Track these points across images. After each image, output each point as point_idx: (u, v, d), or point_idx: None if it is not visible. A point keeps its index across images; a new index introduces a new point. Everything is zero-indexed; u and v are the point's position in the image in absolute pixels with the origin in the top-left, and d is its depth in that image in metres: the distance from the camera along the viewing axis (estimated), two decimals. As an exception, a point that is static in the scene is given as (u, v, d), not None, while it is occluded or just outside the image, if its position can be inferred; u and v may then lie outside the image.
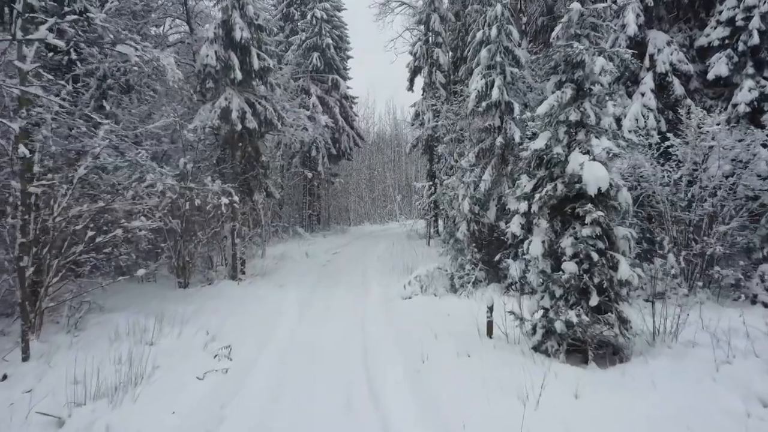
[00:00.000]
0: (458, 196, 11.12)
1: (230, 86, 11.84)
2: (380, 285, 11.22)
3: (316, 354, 6.67)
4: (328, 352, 6.69)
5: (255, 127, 11.70)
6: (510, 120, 11.41)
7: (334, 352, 6.75)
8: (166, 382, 5.52)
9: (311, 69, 23.84)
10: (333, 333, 7.65)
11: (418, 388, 5.27)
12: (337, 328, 7.88)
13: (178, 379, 5.65)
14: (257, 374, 5.94)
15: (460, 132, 13.14)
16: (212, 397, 5.28)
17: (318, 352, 6.77)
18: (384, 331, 7.54)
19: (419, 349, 6.39)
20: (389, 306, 9.27)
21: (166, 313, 8.70)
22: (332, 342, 7.17)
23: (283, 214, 23.91)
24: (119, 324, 7.81)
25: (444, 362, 5.98)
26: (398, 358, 6.23)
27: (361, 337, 7.39)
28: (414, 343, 6.70)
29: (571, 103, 6.34)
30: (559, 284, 6.13)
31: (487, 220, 11.20)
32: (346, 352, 6.72)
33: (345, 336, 7.48)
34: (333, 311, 9.13)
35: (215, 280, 11.93)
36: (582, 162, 5.99)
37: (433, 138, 18.26)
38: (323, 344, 7.07)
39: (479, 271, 10.51)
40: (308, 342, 7.22)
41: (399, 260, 15.11)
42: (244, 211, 12.76)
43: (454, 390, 5.14)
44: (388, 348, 6.68)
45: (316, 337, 7.41)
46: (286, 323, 8.25)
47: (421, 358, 6.13)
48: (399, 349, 6.63)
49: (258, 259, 15.71)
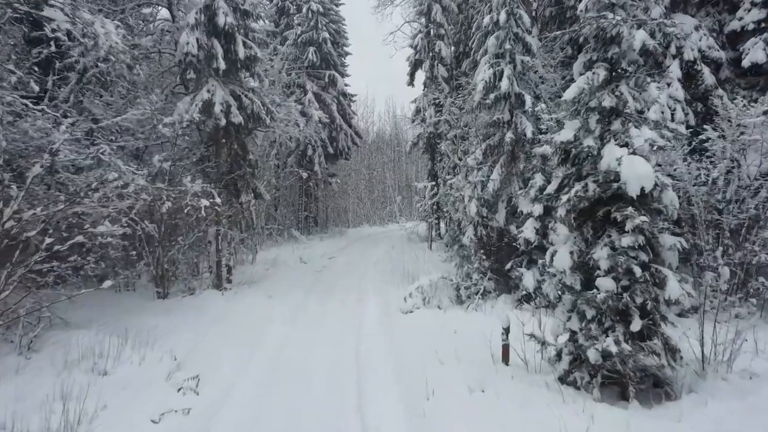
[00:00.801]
0: (464, 197, 10.08)
1: (214, 77, 10.79)
2: (378, 295, 10.17)
3: (301, 388, 5.61)
4: (316, 386, 5.62)
5: (241, 122, 10.65)
6: (521, 113, 10.37)
7: (323, 385, 5.68)
8: (111, 429, 4.47)
9: (307, 64, 22.80)
10: (323, 358, 6.60)
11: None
12: (328, 352, 6.82)
13: (127, 422, 4.60)
14: (227, 415, 4.89)
15: (465, 128, 12.09)
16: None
17: (303, 384, 5.70)
18: (382, 355, 6.49)
19: (423, 381, 5.33)
20: (388, 322, 8.21)
21: (136, 329, 7.67)
22: (321, 371, 6.11)
23: (279, 215, 22.88)
24: (78, 344, 6.76)
25: (453, 400, 4.92)
26: (398, 392, 5.18)
27: (356, 363, 6.33)
28: (417, 372, 5.64)
29: (605, 86, 5.29)
30: (592, 304, 5.07)
31: (496, 223, 10.15)
32: (337, 386, 5.66)
33: (336, 362, 6.42)
34: (324, 329, 8.07)
35: (197, 290, 10.88)
36: (620, 156, 4.94)
37: (435, 135, 17.21)
38: (310, 374, 6.01)
39: (488, 280, 9.46)
40: (292, 371, 6.15)
41: (399, 266, 14.06)
42: (230, 214, 11.71)
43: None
44: (386, 379, 5.63)
45: (302, 365, 6.34)
46: (269, 344, 7.20)
47: (426, 394, 5.08)
48: (399, 379, 5.58)
49: (248, 265, 14.67)
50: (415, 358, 6.25)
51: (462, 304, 9.33)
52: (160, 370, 5.93)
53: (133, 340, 6.96)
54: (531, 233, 8.70)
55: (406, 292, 9.46)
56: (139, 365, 6.08)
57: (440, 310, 8.97)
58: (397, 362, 6.14)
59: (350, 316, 8.78)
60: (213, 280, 11.24)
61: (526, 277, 8.71)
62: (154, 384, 5.54)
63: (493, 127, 10.55)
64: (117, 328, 7.98)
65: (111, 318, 8.83)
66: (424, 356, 6.27)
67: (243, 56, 10.66)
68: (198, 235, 11.19)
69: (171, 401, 5.12)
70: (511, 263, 9.24)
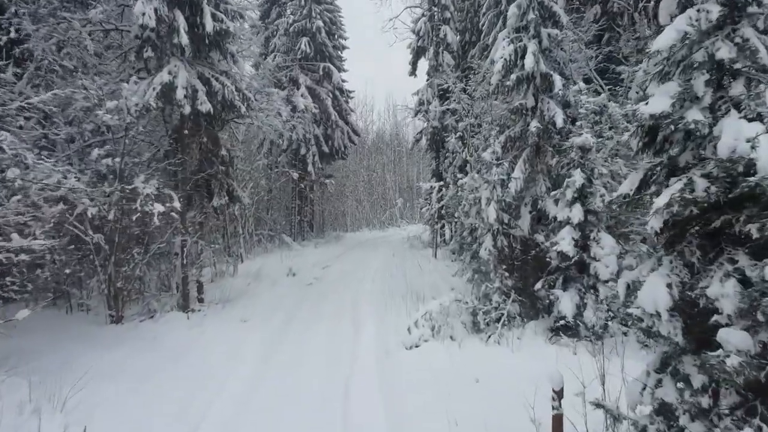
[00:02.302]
0: (480, 199, 8.24)
1: (178, 57, 8.97)
2: (376, 320, 8.31)
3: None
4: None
5: (210, 110, 8.83)
6: (548, 98, 8.53)
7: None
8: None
9: (300, 56, 20.98)
10: (296, 428, 4.74)
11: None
12: (305, 417, 4.95)
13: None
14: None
15: (477, 118, 10.26)
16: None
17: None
18: (379, 423, 4.61)
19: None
20: (387, 363, 6.35)
21: (60, 372, 5.89)
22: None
23: (270, 220, 21.04)
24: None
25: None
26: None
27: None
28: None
29: (718, 30, 3.45)
30: (712, 371, 3.21)
31: (520, 232, 8.30)
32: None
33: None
34: (304, 374, 6.19)
35: (159, 312, 9.04)
36: (753, 136, 3.09)
37: (440, 130, 15.36)
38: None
39: (511, 302, 7.60)
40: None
41: (400, 279, 12.22)
42: (200, 221, 9.87)
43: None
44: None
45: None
46: (225, 402, 5.33)
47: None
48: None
49: (228, 277, 12.82)
50: (423, 427, 4.38)
51: (480, 332, 7.47)
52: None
53: (41, 397, 5.12)
54: (569, 245, 6.85)
55: (410, 320, 7.60)
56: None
57: (453, 342, 7.11)
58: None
59: (339, 352, 6.92)
60: (179, 300, 9.39)
61: (563, 302, 6.86)
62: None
63: (516, 115, 8.71)
64: (37, 369, 6.20)
65: (42, 351, 7.08)
66: (436, 425, 4.41)
67: (211, 30, 8.83)
68: (161, 246, 9.35)
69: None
70: (541, 282, 7.38)
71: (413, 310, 8.28)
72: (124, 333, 8.26)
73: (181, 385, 5.78)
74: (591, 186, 7.06)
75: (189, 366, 6.51)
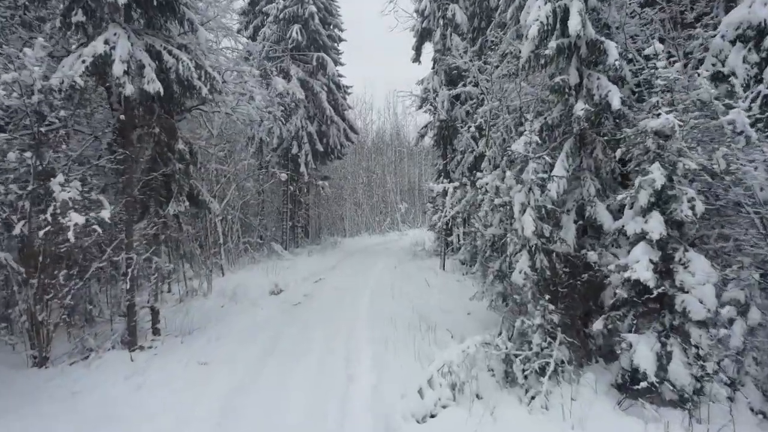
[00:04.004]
0: (511, 205, 6.22)
1: (119, 24, 6.98)
2: (375, 367, 6.28)
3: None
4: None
5: (159, 90, 6.83)
6: (598, 73, 6.55)
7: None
8: None
9: (291, 45, 19.01)
10: None
11: None
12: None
13: None
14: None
15: (502, 101, 8.22)
16: None
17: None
18: None
19: None
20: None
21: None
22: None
23: (261, 226, 19.03)
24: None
25: None
26: None
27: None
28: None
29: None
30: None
31: (564, 247, 6.30)
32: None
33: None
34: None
35: (95, 352, 7.03)
36: None
37: (449, 123, 13.35)
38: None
39: (559, 345, 5.58)
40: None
41: (405, 299, 10.23)
42: (153, 233, 7.87)
43: None
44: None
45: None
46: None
47: None
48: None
49: (199, 298, 10.81)
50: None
51: (515, 385, 5.47)
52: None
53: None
54: (647, 271, 4.84)
55: (421, 367, 5.59)
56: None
57: (480, 403, 5.10)
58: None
59: (325, 426, 4.89)
60: (123, 335, 7.37)
61: (640, 351, 4.84)
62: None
63: (556, 95, 6.72)
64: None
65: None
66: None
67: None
68: (100, 266, 7.35)
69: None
70: (602, 321, 5.35)
71: (424, 345, 6.29)
72: (43, 382, 6.27)
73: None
74: (673, 187, 5.06)
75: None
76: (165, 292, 11.59)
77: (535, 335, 5.62)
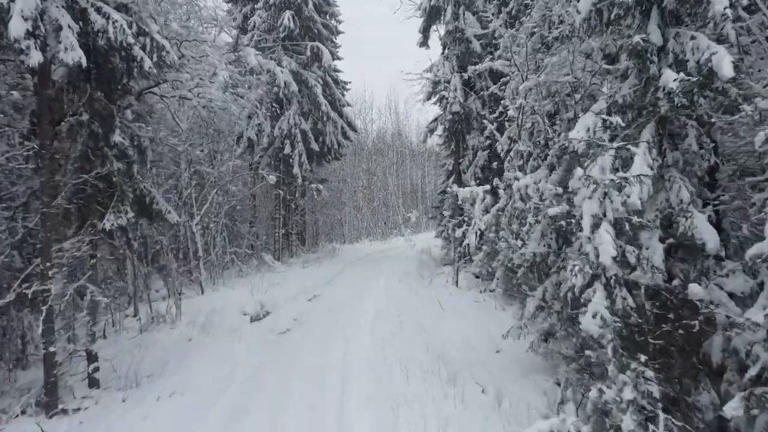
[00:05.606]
0: (579, 216, 4.31)
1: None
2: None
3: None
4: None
5: (79, 60, 4.94)
6: (688, 33, 4.66)
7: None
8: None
9: (283, 34, 17.15)
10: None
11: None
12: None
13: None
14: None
15: (538, 76, 6.27)
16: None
17: None
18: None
19: None
20: None
21: None
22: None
23: (252, 234, 17.13)
24: None
25: None
26: None
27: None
28: None
29: None
30: None
31: (650, 278, 4.38)
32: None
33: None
34: None
35: (2, 419, 5.12)
36: None
37: (462, 117, 11.44)
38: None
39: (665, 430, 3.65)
40: None
41: (415, 329, 8.33)
42: (90, 253, 5.96)
43: None
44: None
45: None
46: None
47: None
48: None
49: (165, 328, 8.88)
50: None
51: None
52: None
53: None
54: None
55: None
56: None
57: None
58: None
59: None
60: (39, 396, 5.46)
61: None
62: None
63: (636, 58, 4.80)
64: None
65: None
66: None
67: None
68: (7, 301, 5.44)
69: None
70: (739, 399, 3.43)
71: (448, 407, 4.38)
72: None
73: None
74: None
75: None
76: (129, 317, 9.73)
77: (626, 417, 3.69)
